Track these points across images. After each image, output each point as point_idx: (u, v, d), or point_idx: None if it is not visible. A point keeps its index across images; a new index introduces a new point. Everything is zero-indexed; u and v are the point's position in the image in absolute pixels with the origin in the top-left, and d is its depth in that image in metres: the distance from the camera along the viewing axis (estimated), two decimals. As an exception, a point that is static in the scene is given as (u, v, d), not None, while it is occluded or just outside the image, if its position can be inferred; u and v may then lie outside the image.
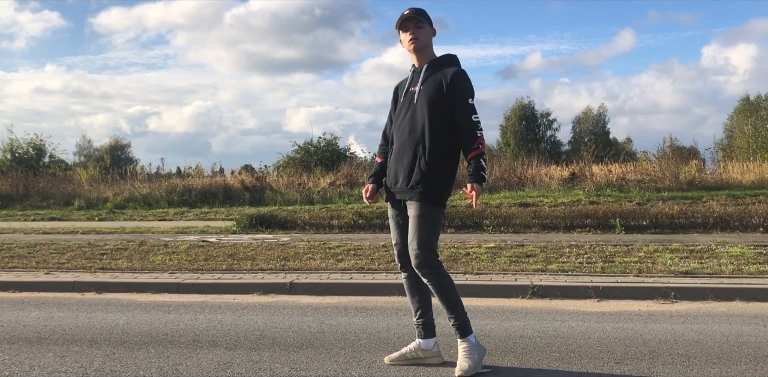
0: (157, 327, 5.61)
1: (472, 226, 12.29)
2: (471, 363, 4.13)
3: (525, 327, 5.45)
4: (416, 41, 4.28)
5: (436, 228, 4.20)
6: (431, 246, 4.16)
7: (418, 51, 4.33)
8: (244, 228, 12.74)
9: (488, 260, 8.36)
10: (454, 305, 4.21)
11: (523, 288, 6.83)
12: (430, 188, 4.15)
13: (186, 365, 4.41)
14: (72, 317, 6.07)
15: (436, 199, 4.17)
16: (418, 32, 4.28)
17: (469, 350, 4.20)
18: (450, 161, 4.22)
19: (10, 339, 5.24)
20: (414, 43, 4.29)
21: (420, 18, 4.29)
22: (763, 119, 47.99)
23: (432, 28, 4.37)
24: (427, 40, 4.33)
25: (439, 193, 4.18)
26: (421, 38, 4.29)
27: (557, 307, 6.29)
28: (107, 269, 8.24)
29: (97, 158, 61.41)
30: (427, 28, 4.31)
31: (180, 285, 7.39)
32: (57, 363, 4.51)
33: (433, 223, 4.17)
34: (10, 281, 7.70)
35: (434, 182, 4.16)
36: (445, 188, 4.21)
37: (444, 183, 4.20)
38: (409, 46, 4.32)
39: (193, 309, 6.43)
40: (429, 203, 4.16)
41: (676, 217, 11.77)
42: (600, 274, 7.33)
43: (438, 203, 4.19)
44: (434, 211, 4.17)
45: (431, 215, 4.16)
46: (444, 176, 4.19)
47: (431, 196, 4.15)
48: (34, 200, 18.93)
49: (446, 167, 4.21)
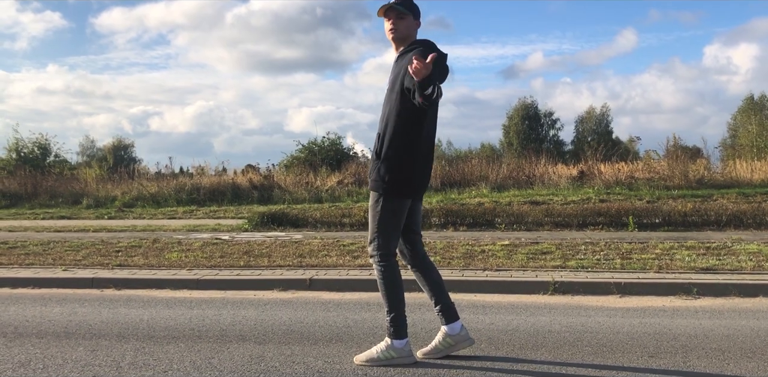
0: (182, 322, 5.61)
1: (483, 224, 12.27)
2: (372, 356, 4.22)
3: (552, 322, 5.44)
4: (395, 32, 4.24)
5: (388, 219, 4.17)
6: (382, 238, 4.19)
7: (398, 41, 4.27)
8: (255, 226, 12.72)
9: (505, 257, 8.35)
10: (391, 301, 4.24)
11: (545, 284, 6.82)
12: (380, 177, 4.14)
13: (218, 358, 4.41)
14: (95, 312, 6.06)
15: (384, 187, 4.14)
16: (399, 23, 4.23)
17: (384, 348, 4.22)
18: (403, 148, 4.11)
19: (38, 333, 5.23)
20: (393, 33, 4.24)
21: (402, 9, 4.21)
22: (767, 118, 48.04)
23: (416, 20, 4.28)
24: (408, 31, 4.25)
25: (390, 181, 4.13)
26: (401, 29, 4.23)
27: (580, 303, 6.28)
28: (125, 266, 8.24)
29: (100, 157, 61.50)
30: (409, 20, 4.24)
31: (199, 282, 7.39)
32: (89, 356, 4.50)
33: (382, 213, 4.16)
34: (29, 278, 7.70)
35: (386, 170, 4.13)
36: (398, 176, 4.13)
37: (397, 171, 4.12)
38: (389, 36, 4.27)
39: (215, 304, 6.43)
40: (377, 191, 4.17)
41: (689, 215, 11.75)
42: (620, 270, 7.32)
43: (389, 192, 4.14)
44: (384, 200, 4.15)
45: (380, 204, 4.16)
46: (397, 164, 4.13)
47: (380, 184, 4.14)
48: (42, 198, 18.93)
49: (398, 154, 4.12)
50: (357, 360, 4.26)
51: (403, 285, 4.29)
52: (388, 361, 4.19)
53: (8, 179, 20.39)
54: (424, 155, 4.22)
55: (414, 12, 4.27)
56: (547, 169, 18.27)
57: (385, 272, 4.23)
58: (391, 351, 4.21)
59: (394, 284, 4.24)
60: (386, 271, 4.24)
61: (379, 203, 4.18)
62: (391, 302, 4.24)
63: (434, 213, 12.59)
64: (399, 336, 4.23)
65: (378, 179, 4.15)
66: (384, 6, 4.24)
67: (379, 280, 4.26)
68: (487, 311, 5.94)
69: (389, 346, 4.22)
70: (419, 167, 4.20)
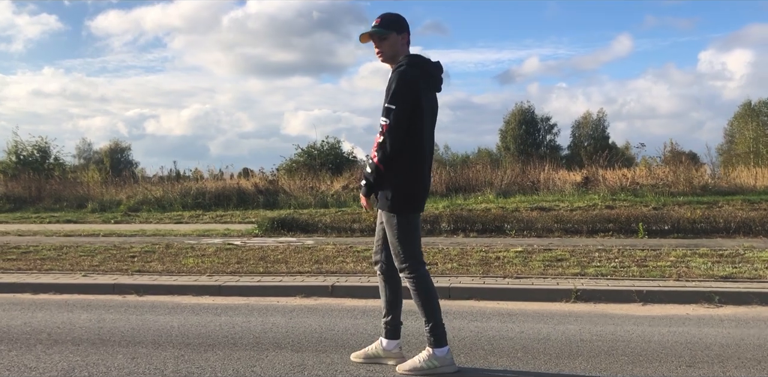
0: (213, 329, 5.64)
1: (493, 230, 12.32)
2: (416, 366, 4.25)
3: (581, 330, 5.49)
4: (382, 54, 4.34)
5: (406, 233, 4.25)
6: (406, 251, 4.24)
7: (388, 61, 4.36)
8: (266, 231, 12.75)
9: (521, 264, 8.40)
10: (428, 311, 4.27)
11: (566, 291, 6.87)
12: (388, 197, 4.22)
13: (260, 366, 4.45)
14: (124, 319, 6.09)
15: (394, 206, 4.22)
16: (382, 45, 4.30)
17: (427, 358, 4.26)
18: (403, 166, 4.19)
19: (73, 340, 5.26)
20: (380, 56, 4.35)
21: (380, 31, 4.27)
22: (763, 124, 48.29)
23: (400, 34, 4.31)
24: (394, 49, 4.31)
25: (398, 200, 4.22)
26: (386, 50, 4.31)
27: (604, 311, 6.34)
28: (144, 271, 8.27)
29: (97, 160, 61.45)
30: (392, 38, 4.29)
31: (221, 288, 7.42)
32: (130, 364, 4.54)
33: (399, 229, 4.24)
34: (49, 283, 7.72)
35: (392, 191, 4.20)
36: (403, 195, 4.22)
37: (402, 190, 4.21)
38: (378, 58, 4.37)
39: (241, 311, 6.46)
40: (389, 210, 4.24)
41: (698, 222, 11.82)
42: (639, 278, 7.37)
43: (400, 210, 4.23)
44: (398, 217, 4.22)
45: (394, 221, 4.24)
46: (398, 185, 4.20)
47: (389, 204, 4.22)
48: (47, 202, 18.92)
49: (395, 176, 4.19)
50: (400, 370, 4.30)
51: (437, 293, 4.33)
52: (432, 370, 4.23)
53: (12, 183, 20.39)
54: (426, 169, 4.33)
55: (396, 28, 4.30)
56: (552, 175, 18.34)
57: (418, 282, 4.25)
58: (434, 361, 4.24)
59: (429, 293, 4.28)
60: (419, 281, 4.25)
61: (393, 220, 4.25)
62: (428, 311, 4.27)
63: (443, 219, 12.63)
64: (440, 345, 4.27)
65: (387, 200, 4.23)
66: (362, 35, 4.31)
67: (414, 291, 4.27)
68: (514, 319, 5.99)
69: (431, 355, 4.25)
70: (422, 181, 4.30)
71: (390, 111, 4.09)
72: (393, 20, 4.31)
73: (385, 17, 4.31)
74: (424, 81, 4.24)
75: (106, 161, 59.99)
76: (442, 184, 17.88)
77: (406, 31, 4.33)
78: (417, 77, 4.17)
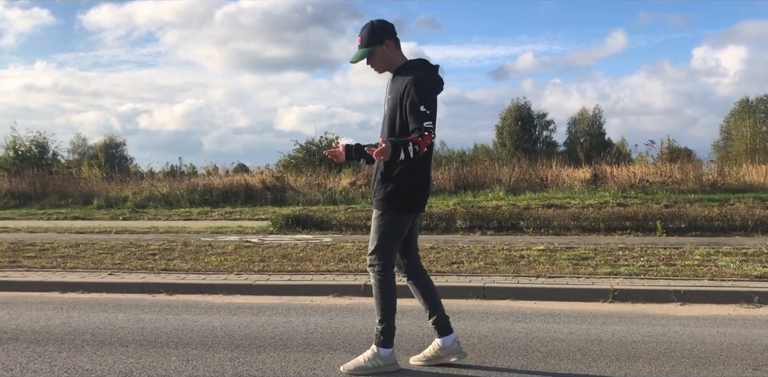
0: (256, 329, 5.58)
1: (509, 228, 12.29)
2: (360, 365, 4.29)
3: (630, 331, 5.44)
4: (376, 68, 4.42)
5: (389, 233, 4.30)
6: (382, 250, 4.30)
7: (385, 71, 4.42)
8: (280, 228, 12.69)
9: (549, 263, 8.36)
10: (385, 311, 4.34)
11: (603, 291, 6.83)
12: (387, 196, 4.26)
13: (322, 369, 4.39)
14: (162, 319, 6.01)
15: (389, 204, 4.26)
16: (372, 60, 4.37)
17: (371, 356, 4.31)
18: (405, 169, 4.23)
19: (119, 341, 5.19)
20: (376, 70, 4.42)
21: (365, 52, 4.33)
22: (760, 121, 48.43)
23: (384, 44, 4.33)
24: (385, 60, 4.36)
25: (394, 199, 4.26)
26: (377, 64, 4.39)
27: (646, 311, 6.30)
28: (170, 270, 8.18)
29: (91, 156, 61.18)
30: (377, 51, 4.33)
31: (252, 287, 7.36)
32: (187, 366, 4.47)
33: (385, 227, 4.30)
34: (77, 282, 7.64)
35: (391, 189, 4.25)
36: (401, 194, 4.26)
37: (401, 190, 4.25)
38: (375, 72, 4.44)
39: (278, 311, 6.40)
40: (380, 209, 4.29)
41: (715, 219, 11.82)
42: (673, 278, 7.34)
43: (392, 209, 4.27)
44: (390, 215, 4.28)
45: (385, 218, 4.29)
46: (401, 184, 4.25)
47: (387, 202, 4.26)
48: (52, 198, 18.78)
49: (402, 175, 4.24)
50: (345, 369, 4.32)
51: (396, 296, 4.40)
52: (376, 369, 4.29)
53: (15, 179, 20.21)
54: (426, 172, 4.39)
55: (376, 40, 4.32)
56: (560, 172, 18.32)
57: (384, 282, 4.33)
58: (378, 360, 4.31)
59: (390, 294, 4.34)
60: (385, 281, 4.33)
61: (384, 218, 4.30)
62: (384, 312, 4.34)
63: (458, 217, 12.60)
64: (387, 345, 4.34)
65: (385, 197, 4.27)
66: (351, 61, 4.39)
67: (376, 290, 4.34)
68: (557, 319, 5.94)
69: (376, 355, 4.32)
70: (423, 184, 4.34)
71: (427, 115, 4.12)
72: (371, 34, 4.33)
73: (363, 34, 4.36)
74: (434, 85, 4.33)
75: (100, 157, 59.78)
76: (450, 181, 17.84)
77: (389, 37, 4.35)
78: (432, 83, 4.28)
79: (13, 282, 7.71)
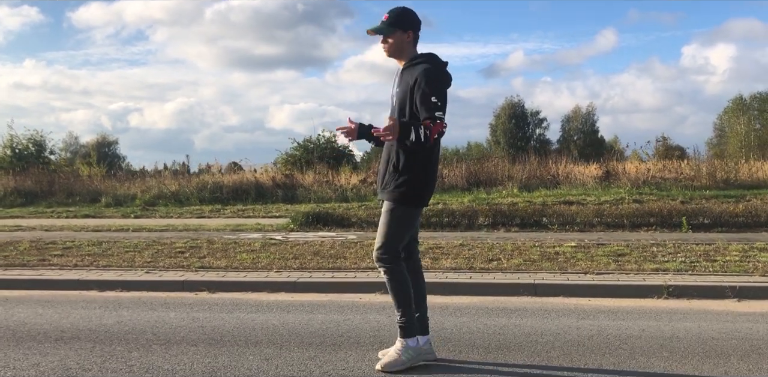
0: (318, 327, 5.45)
1: (532, 224, 12.20)
2: (393, 360, 4.23)
3: (701, 328, 5.36)
4: (386, 50, 4.38)
5: (400, 226, 4.29)
6: (391, 243, 4.28)
7: (394, 57, 4.41)
8: (300, 226, 12.55)
9: (587, 260, 8.27)
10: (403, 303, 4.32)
11: (656, 288, 6.75)
12: (399, 188, 4.22)
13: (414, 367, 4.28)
14: (217, 318, 5.88)
15: (402, 197, 4.24)
16: (386, 41, 4.35)
17: (402, 350, 4.27)
18: (419, 161, 4.23)
19: (184, 339, 5.06)
20: (386, 52, 4.39)
21: (384, 30, 4.31)
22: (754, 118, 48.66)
23: (407, 32, 4.33)
24: (399, 46, 4.35)
25: (407, 192, 4.23)
26: (391, 47, 4.35)
27: (704, 308, 6.22)
28: (207, 268, 8.04)
29: (84, 154, 60.71)
30: (397, 35, 4.32)
31: (296, 284, 7.23)
32: (268, 365, 4.35)
33: (396, 220, 4.27)
34: (114, 280, 7.49)
35: (403, 181, 4.21)
36: (414, 187, 4.24)
37: (413, 183, 4.23)
38: (384, 54, 4.40)
39: (331, 308, 6.28)
40: (394, 201, 4.25)
41: (740, 215, 11.78)
42: (723, 273, 7.27)
43: (405, 202, 4.25)
44: (400, 209, 4.26)
45: (396, 212, 4.26)
46: (414, 177, 4.23)
47: (399, 195, 4.23)
48: (59, 196, 18.53)
49: (416, 167, 4.23)
50: (381, 367, 4.24)
51: (411, 286, 4.39)
52: (411, 362, 4.26)
53: (20, 177, 19.96)
54: (436, 167, 4.41)
55: (401, 25, 4.32)
56: (572, 168, 18.27)
57: (397, 273, 4.33)
58: (409, 351, 4.28)
59: (406, 285, 4.35)
60: (398, 273, 4.33)
61: (395, 211, 4.28)
62: (402, 303, 4.32)
63: (481, 213, 12.50)
64: (412, 335, 4.31)
65: (399, 190, 4.23)
66: (368, 30, 4.34)
67: (391, 283, 4.34)
68: (621, 316, 5.85)
69: (406, 346, 4.29)
70: (432, 178, 4.35)
71: (438, 106, 4.14)
72: (399, 17, 4.33)
73: (392, 13, 4.34)
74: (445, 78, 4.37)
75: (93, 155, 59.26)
76: (462, 178, 17.76)
77: (413, 30, 4.36)
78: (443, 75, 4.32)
79: (50, 281, 7.55)
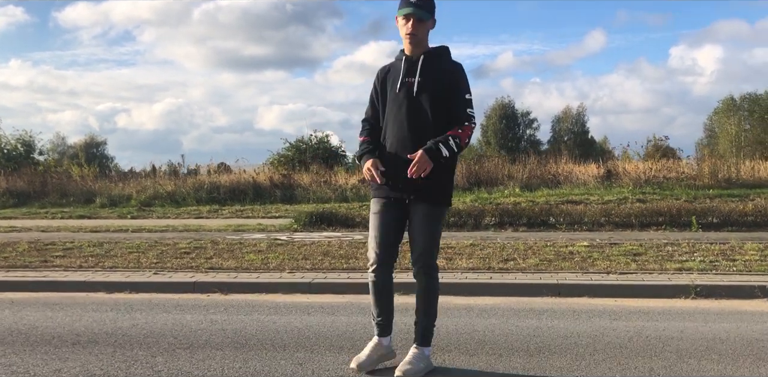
0: (344, 329, 5.27)
1: (540, 224, 12.06)
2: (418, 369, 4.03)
3: (740, 328, 5.20)
4: (413, 37, 4.10)
5: (440, 231, 4.17)
6: (438, 247, 4.18)
7: (413, 45, 4.15)
8: (304, 226, 12.34)
9: (604, 259, 8.10)
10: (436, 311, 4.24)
11: (683, 288, 6.59)
12: (436, 190, 4.05)
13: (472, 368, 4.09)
14: (236, 320, 5.65)
15: (447, 200, 4.13)
16: (418, 27, 4.08)
17: (423, 358, 4.12)
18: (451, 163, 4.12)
19: (207, 343, 4.83)
20: (411, 38, 4.11)
21: (423, 13, 4.06)
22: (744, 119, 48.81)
23: (433, 20, 4.17)
24: (425, 35, 4.16)
25: (448, 193, 4.13)
26: (420, 35, 4.11)
27: (735, 308, 6.07)
28: (216, 268, 7.82)
29: (71, 155, 60.24)
30: (427, 23, 4.13)
31: (311, 285, 7.03)
32: (304, 370, 4.14)
33: (441, 223, 4.15)
34: (122, 282, 7.26)
35: (441, 183, 4.07)
36: (450, 185, 4.15)
37: (450, 183, 4.15)
38: (406, 39, 4.13)
39: (353, 310, 6.08)
40: (434, 205, 4.08)
41: (749, 214, 11.67)
42: (748, 273, 7.13)
43: (449, 203, 4.15)
44: (444, 211, 4.16)
45: (441, 215, 4.14)
46: (450, 177, 4.14)
47: (438, 197, 4.08)
48: (52, 197, 18.21)
49: (449, 169, 4.12)
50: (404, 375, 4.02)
51: None
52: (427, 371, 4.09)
53: (13, 177, 19.62)
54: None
55: (433, 13, 4.16)
56: (573, 168, 18.15)
57: (436, 282, 4.19)
58: (428, 360, 4.15)
59: (437, 293, 4.25)
60: (437, 281, 4.19)
61: (439, 214, 4.11)
62: (435, 311, 4.24)
63: (488, 213, 12.33)
64: (429, 344, 4.25)
65: (439, 192, 4.06)
66: (407, 14, 4.05)
67: (432, 289, 4.18)
68: (654, 317, 5.68)
69: (426, 356, 4.17)
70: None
71: (471, 103, 4.10)
72: (433, 3, 4.14)
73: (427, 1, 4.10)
74: None
75: (81, 156, 58.84)
76: (463, 178, 17.60)
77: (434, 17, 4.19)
78: None
79: (55, 282, 7.30)
